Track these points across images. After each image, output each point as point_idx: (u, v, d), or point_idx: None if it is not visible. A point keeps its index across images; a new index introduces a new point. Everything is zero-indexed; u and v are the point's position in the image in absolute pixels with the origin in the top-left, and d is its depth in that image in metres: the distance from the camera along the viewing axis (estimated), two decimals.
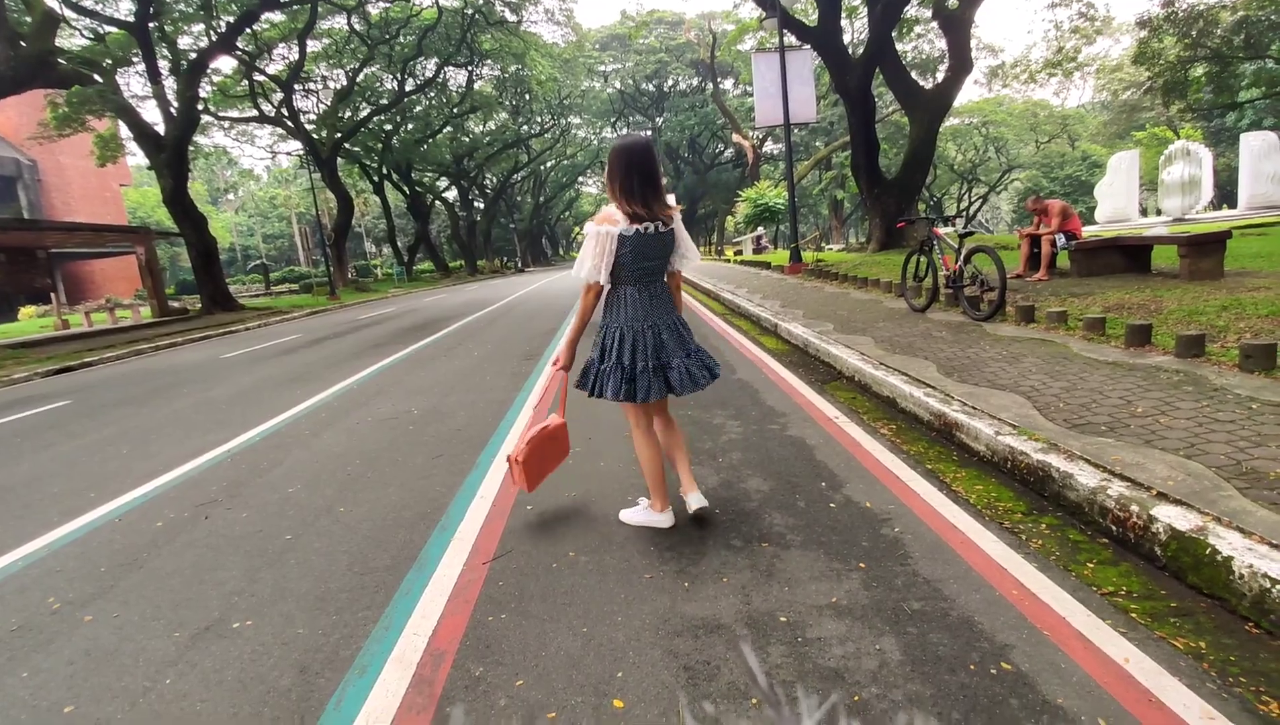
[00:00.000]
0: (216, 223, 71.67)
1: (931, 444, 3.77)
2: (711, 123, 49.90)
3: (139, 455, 5.05)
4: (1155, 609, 2.10)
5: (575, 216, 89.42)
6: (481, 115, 44.79)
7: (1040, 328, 5.85)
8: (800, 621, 2.15)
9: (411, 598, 2.50)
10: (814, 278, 13.22)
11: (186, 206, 21.10)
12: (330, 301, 26.33)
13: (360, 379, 7.45)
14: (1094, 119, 52.48)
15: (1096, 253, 8.32)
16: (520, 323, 11.88)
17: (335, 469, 4.19)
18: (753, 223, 32.09)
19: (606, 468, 3.79)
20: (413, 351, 9.37)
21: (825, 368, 5.99)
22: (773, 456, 3.74)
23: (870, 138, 16.43)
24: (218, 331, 16.75)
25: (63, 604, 2.73)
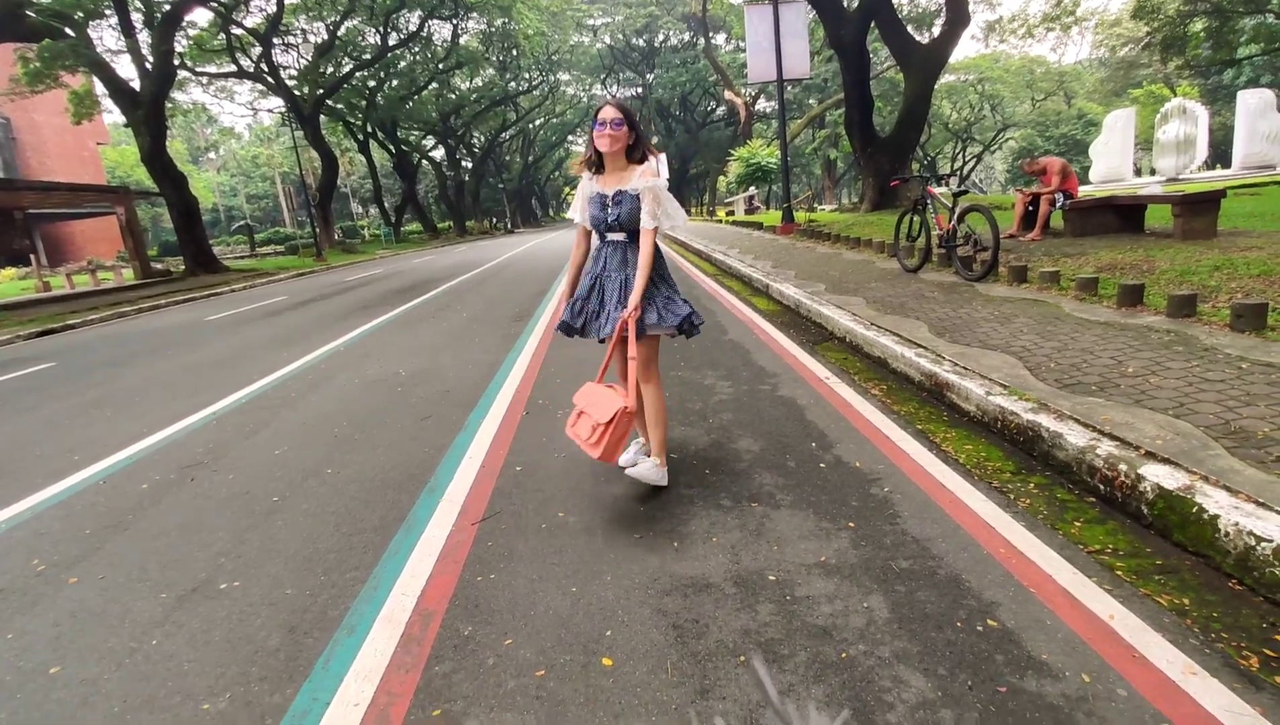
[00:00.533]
0: (198, 182, 70.16)
1: (922, 404, 3.77)
2: (703, 80, 48.90)
3: (123, 418, 4.99)
4: (1140, 566, 2.12)
5: (565, 177, 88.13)
6: (468, 71, 43.67)
7: (1033, 288, 5.83)
8: (789, 580, 2.16)
9: (400, 558, 2.49)
10: (806, 238, 13.11)
11: (166, 165, 20.59)
12: (316, 263, 25.97)
13: (348, 341, 7.37)
14: (1091, 76, 51.80)
15: (1090, 212, 8.26)
16: (510, 285, 11.76)
17: (323, 431, 4.16)
18: (744, 183, 31.73)
19: None
20: (401, 313, 9.27)
21: (817, 328, 5.96)
22: (763, 417, 3.73)
23: (864, 94, 16.14)
24: (202, 294, 16.52)
25: (47, 566, 2.71)
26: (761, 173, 30.98)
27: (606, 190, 2.83)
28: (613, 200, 2.80)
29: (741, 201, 31.79)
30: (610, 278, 2.91)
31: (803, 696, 1.66)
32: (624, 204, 2.78)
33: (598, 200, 2.85)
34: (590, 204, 2.88)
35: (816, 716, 1.60)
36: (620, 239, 2.87)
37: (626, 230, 2.83)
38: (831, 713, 1.60)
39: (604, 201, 2.83)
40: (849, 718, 1.59)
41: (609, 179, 2.85)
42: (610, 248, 2.92)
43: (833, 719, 1.59)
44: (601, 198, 2.84)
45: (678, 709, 1.65)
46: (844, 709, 1.61)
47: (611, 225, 2.82)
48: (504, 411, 4.19)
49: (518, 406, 4.29)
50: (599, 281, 2.94)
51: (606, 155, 2.80)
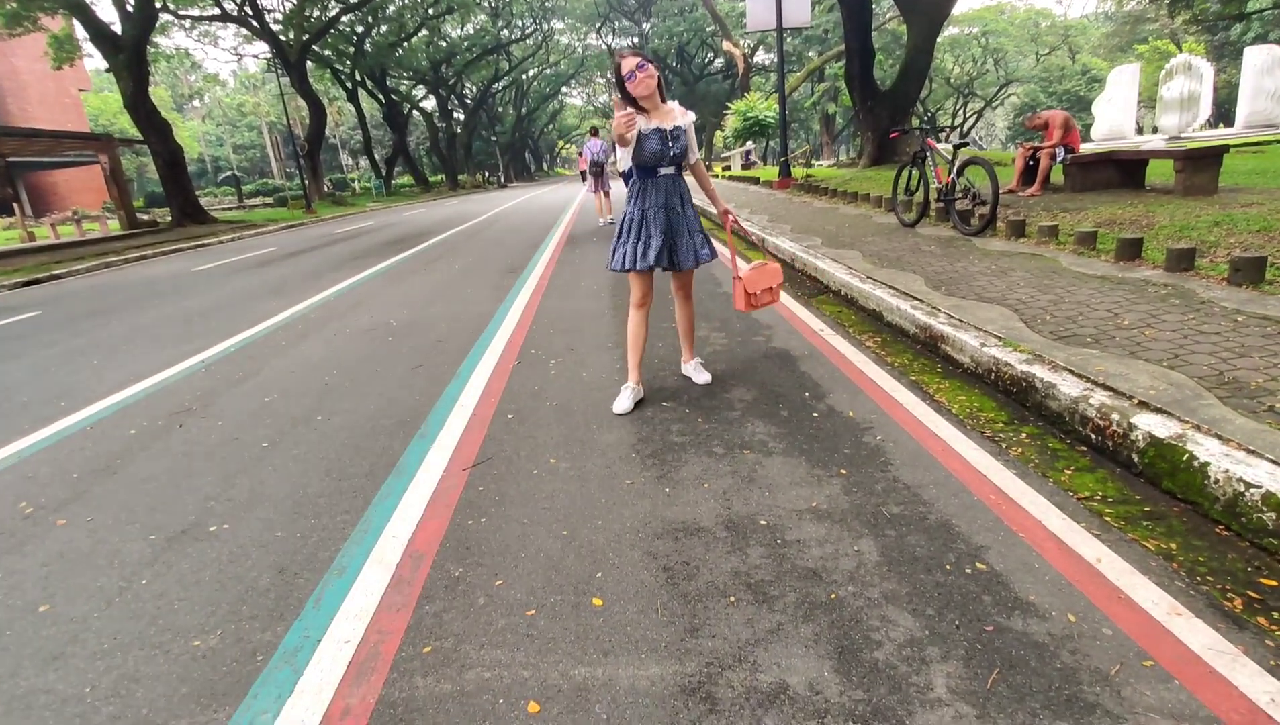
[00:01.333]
0: (183, 131, 68.48)
1: (916, 356, 3.75)
2: (701, 29, 47.64)
3: (110, 365, 4.94)
4: (1129, 513, 2.13)
5: (559, 129, 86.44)
6: (459, 17, 42.34)
7: (1031, 242, 5.77)
8: (780, 524, 2.16)
9: (390, 502, 2.48)
10: (803, 193, 12.94)
11: (149, 112, 20.04)
12: (306, 215, 25.55)
13: (338, 291, 7.28)
14: (1097, 30, 50.70)
15: (1091, 167, 8.14)
16: (502, 237, 11.60)
17: (313, 379, 4.12)
18: (742, 137, 31.18)
19: (589, 377, 3.74)
20: (392, 265, 9.15)
21: (812, 282, 5.91)
22: (757, 368, 3.71)
23: (866, 46, 15.75)
24: (189, 245, 16.26)
25: (35, 508, 2.69)
26: (759, 127, 30.46)
27: (664, 125, 3.03)
28: (671, 135, 3.03)
29: (738, 156, 31.32)
30: (675, 212, 3.18)
31: (791, 636, 1.67)
32: (680, 138, 3.07)
33: (656, 135, 3.02)
34: (647, 141, 3.01)
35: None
36: (671, 172, 3.14)
37: (676, 163, 3.13)
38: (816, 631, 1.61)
39: (664, 136, 3.03)
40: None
41: (656, 117, 3.04)
42: (663, 181, 3.14)
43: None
44: (660, 132, 3.02)
45: (667, 647, 1.66)
46: None
47: (671, 159, 3.07)
48: (496, 361, 4.16)
49: (510, 356, 4.25)
50: (680, 214, 3.20)
51: (646, 99, 2.97)
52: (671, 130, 3.04)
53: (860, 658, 1.58)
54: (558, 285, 6.55)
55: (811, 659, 1.58)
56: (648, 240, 3.14)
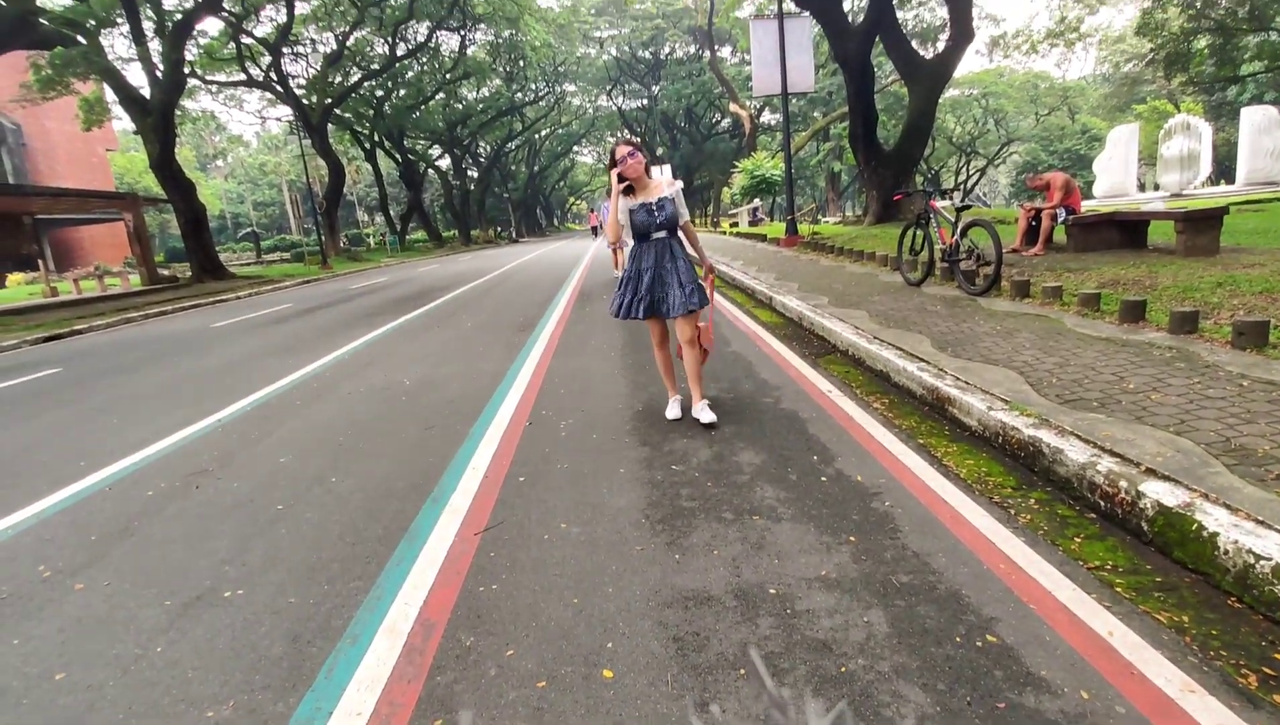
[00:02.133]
0: (205, 189, 70.63)
1: (924, 419, 3.78)
2: (709, 92, 49.18)
3: (129, 424, 5.03)
4: (1140, 583, 2.12)
5: (570, 186, 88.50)
6: (475, 82, 44.01)
7: (1035, 303, 5.84)
8: (790, 594, 2.17)
9: (403, 568, 2.51)
10: (810, 250, 13.16)
11: (174, 172, 20.77)
12: (322, 271, 26.10)
13: (352, 349, 7.41)
14: (1095, 91, 51.97)
15: (1093, 228, 8.28)
16: (514, 294, 11.81)
17: (327, 439, 4.18)
18: (749, 194, 31.83)
19: (600, 440, 3.78)
20: (405, 322, 9.31)
21: (820, 341, 5.99)
22: (765, 430, 3.74)
23: (869, 108, 16.23)
24: (208, 300, 16.61)
25: (53, 572, 2.73)
26: (766, 184, 31.12)
27: (649, 200, 3.68)
28: (657, 207, 3.66)
29: (745, 213, 31.90)
30: (665, 269, 3.76)
31: (802, 711, 1.67)
32: (666, 208, 3.68)
33: (643, 210, 3.68)
34: (636, 214, 3.69)
35: (813, 703, 1.62)
36: (663, 236, 3.75)
37: (667, 228, 3.72)
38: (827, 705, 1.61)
39: (649, 209, 3.67)
40: (844, 709, 1.61)
41: (642, 195, 3.70)
42: (656, 245, 3.76)
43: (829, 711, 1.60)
44: (646, 206, 3.68)
45: (678, 721, 1.66)
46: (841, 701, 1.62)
47: (659, 226, 3.68)
48: (507, 422, 4.22)
49: (521, 417, 4.31)
50: (657, 273, 3.77)
51: (635, 180, 3.64)
52: (657, 203, 3.67)
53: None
54: (569, 343, 6.65)
55: (820, 709, 1.58)
56: (640, 293, 3.75)
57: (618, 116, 59.19)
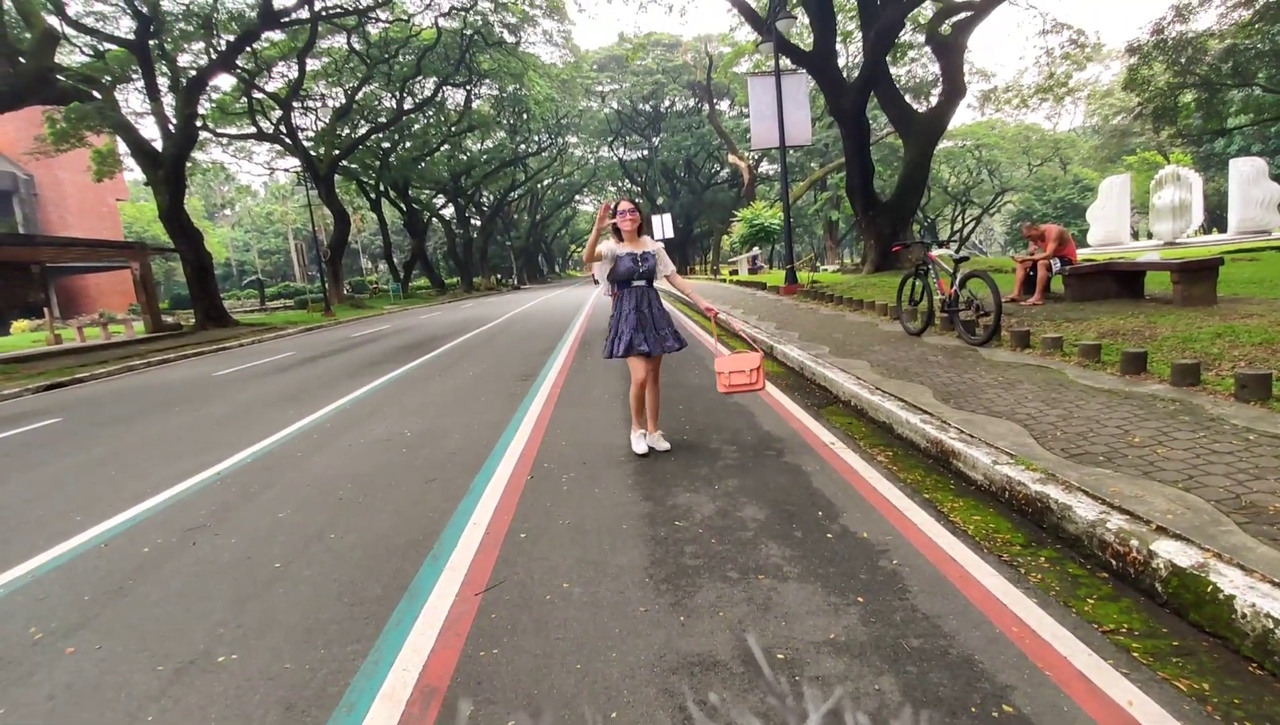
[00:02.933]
0: (213, 238, 71.60)
1: (929, 472, 3.75)
2: (708, 143, 50.38)
3: (128, 477, 4.99)
4: (1158, 648, 2.07)
5: (571, 234, 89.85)
6: (479, 134, 45.10)
7: (1036, 353, 5.86)
8: (798, 659, 2.12)
9: (402, 630, 2.45)
10: (810, 299, 13.27)
11: (183, 222, 21.10)
12: (325, 318, 26.28)
13: (354, 398, 7.40)
14: (1085, 143, 53.15)
15: (1090, 278, 8.37)
16: (516, 342, 11.86)
17: (327, 493, 4.14)
18: (748, 243, 32.28)
19: (602, 494, 3.75)
20: (408, 371, 9.33)
21: (821, 391, 5.98)
22: (769, 484, 3.71)
23: (865, 160, 16.59)
24: (211, 348, 16.68)
25: (45, 634, 2.67)
26: (765, 233, 31.58)
27: (635, 251, 4.27)
28: (641, 258, 4.25)
29: (745, 261, 32.28)
30: (652, 309, 4.34)
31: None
32: (648, 261, 4.29)
33: (629, 257, 4.25)
34: (621, 261, 4.24)
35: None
36: (643, 285, 4.33)
37: (647, 278, 4.33)
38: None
39: (635, 259, 4.26)
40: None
41: (631, 246, 4.28)
42: (638, 291, 4.30)
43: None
44: (632, 256, 4.26)
45: None
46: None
47: (641, 275, 4.27)
48: (509, 475, 4.18)
49: (523, 469, 4.28)
50: (648, 315, 4.30)
51: (627, 232, 4.25)
52: (641, 255, 4.25)
53: None
54: (570, 394, 6.65)
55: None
56: (637, 329, 4.22)
57: (619, 167, 60.47)
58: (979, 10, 16.18)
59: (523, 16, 31.12)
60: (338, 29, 30.04)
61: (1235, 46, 20.34)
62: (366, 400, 7.28)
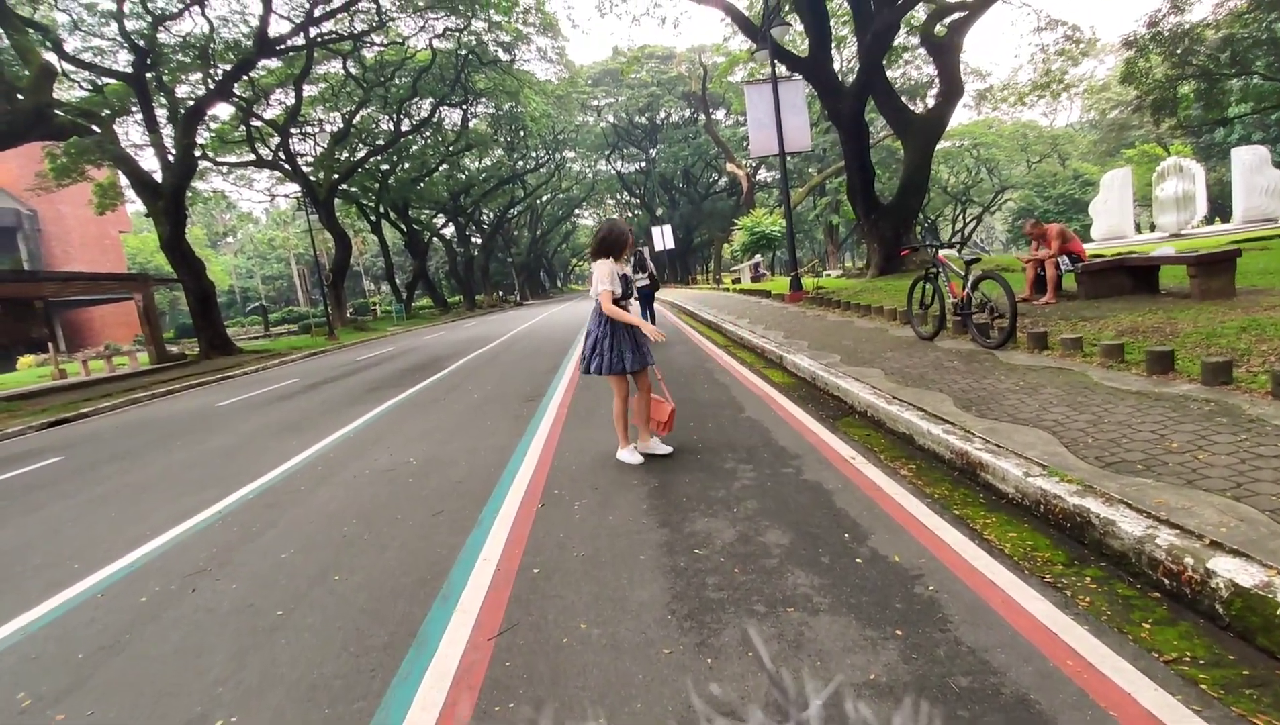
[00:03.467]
0: (215, 266, 72.09)
1: (955, 485, 3.59)
2: (705, 153, 50.44)
3: (128, 518, 4.86)
4: (1227, 679, 1.91)
5: (572, 249, 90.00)
6: (477, 153, 45.25)
7: (1055, 355, 5.70)
8: (838, 706, 1.96)
9: (410, 684, 2.30)
10: (815, 306, 13.12)
11: (184, 252, 21.11)
12: (329, 342, 26.23)
13: (358, 427, 7.28)
14: (1084, 138, 53.06)
15: (1103, 274, 8.21)
16: (519, 361, 11.74)
17: (331, 530, 4.00)
18: (750, 250, 32.21)
19: (617, 521, 3.60)
20: (411, 395, 9.20)
21: (836, 402, 5.83)
22: (790, 504, 3.56)
23: (865, 164, 16.48)
24: (214, 378, 16.61)
25: (34, 699, 2.52)
26: (766, 240, 31.52)
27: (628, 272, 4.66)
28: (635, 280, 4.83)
29: (748, 269, 32.19)
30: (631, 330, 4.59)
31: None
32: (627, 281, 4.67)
33: (624, 279, 4.57)
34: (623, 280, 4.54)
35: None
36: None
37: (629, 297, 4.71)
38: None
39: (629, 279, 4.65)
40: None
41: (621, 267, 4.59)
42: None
43: None
44: (626, 277, 4.60)
45: None
46: None
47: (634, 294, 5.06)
48: (519, 504, 4.04)
49: (533, 498, 4.13)
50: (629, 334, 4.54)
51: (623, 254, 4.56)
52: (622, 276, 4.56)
53: None
54: (578, 413, 6.51)
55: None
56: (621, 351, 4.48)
57: (617, 180, 60.61)
58: (973, 10, 16.11)
59: (516, 35, 31.25)
60: (334, 54, 30.22)
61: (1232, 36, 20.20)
62: (370, 427, 7.15)
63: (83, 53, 22.61)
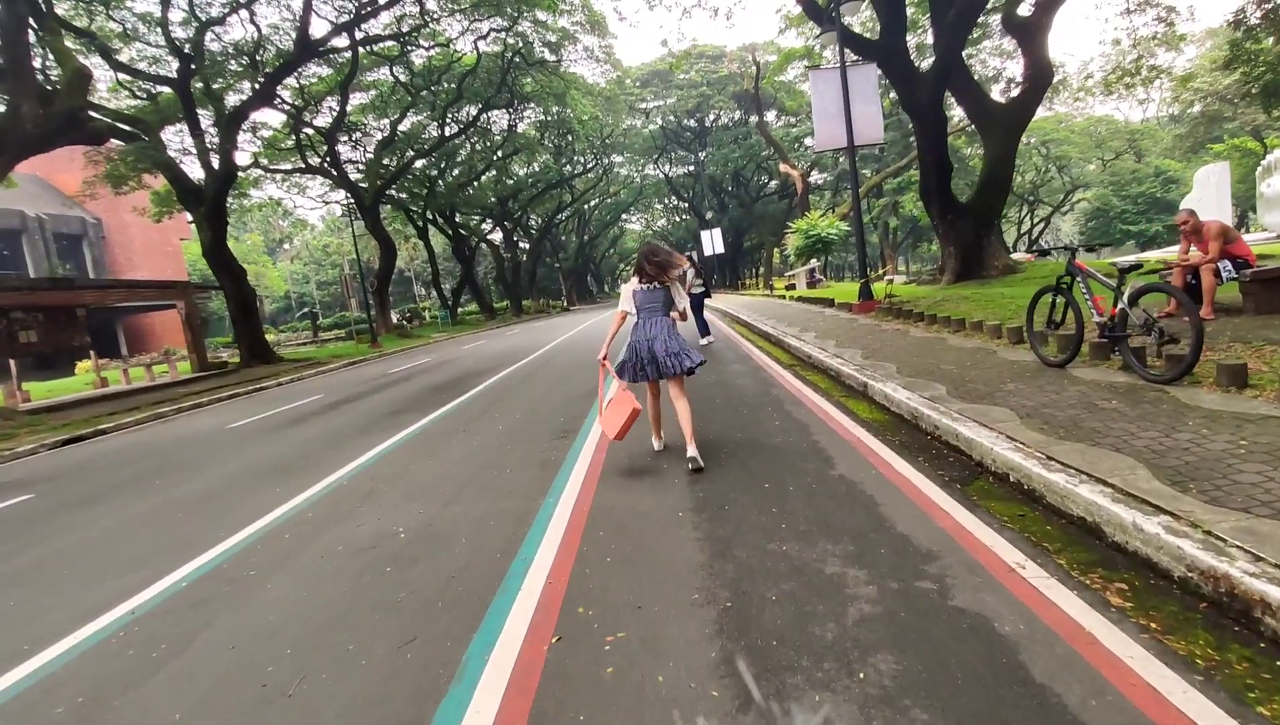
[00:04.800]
0: (272, 273, 73.76)
1: (1218, 635, 2.17)
2: (756, 154, 48.82)
3: (36, 607, 3.77)
4: None
5: (620, 253, 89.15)
6: (524, 157, 44.64)
7: (1268, 397, 4.15)
8: None
9: None
10: (892, 318, 11.54)
11: (226, 259, 20.71)
12: (370, 350, 25.68)
13: (355, 469, 6.13)
14: (1165, 133, 49.46)
15: (1277, 284, 6.52)
16: (556, 382, 10.52)
17: (253, 671, 2.76)
18: (804, 255, 30.52)
19: (670, 683, 2.28)
20: (428, 423, 8.03)
21: (955, 454, 4.40)
22: (945, 659, 2.19)
23: (942, 158, 14.80)
24: (247, 389, 15.95)
25: None
26: (822, 244, 29.80)
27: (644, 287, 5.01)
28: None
29: (803, 274, 30.51)
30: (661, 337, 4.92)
31: None
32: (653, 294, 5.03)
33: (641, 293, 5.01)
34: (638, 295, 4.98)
35: None
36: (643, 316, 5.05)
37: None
38: None
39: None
40: None
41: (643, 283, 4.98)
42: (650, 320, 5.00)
43: None
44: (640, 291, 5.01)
45: None
46: None
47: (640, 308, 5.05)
48: (525, 631, 2.75)
49: (546, 622, 2.83)
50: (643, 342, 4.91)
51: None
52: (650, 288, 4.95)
53: None
54: (618, 461, 5.22)
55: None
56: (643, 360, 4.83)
57: (665, 184, 59.45)
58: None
59: (563, 35, 30.35)
60: (381, 59, 29.84)
61: None
62: (370, 471, 5.99)
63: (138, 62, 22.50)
